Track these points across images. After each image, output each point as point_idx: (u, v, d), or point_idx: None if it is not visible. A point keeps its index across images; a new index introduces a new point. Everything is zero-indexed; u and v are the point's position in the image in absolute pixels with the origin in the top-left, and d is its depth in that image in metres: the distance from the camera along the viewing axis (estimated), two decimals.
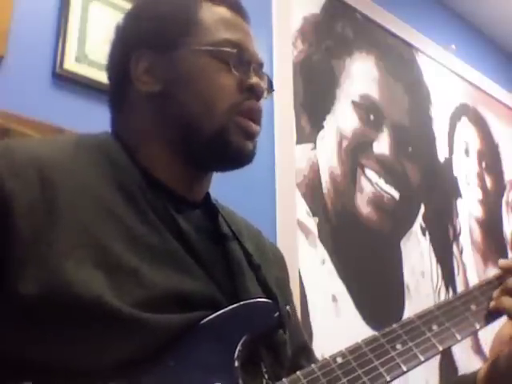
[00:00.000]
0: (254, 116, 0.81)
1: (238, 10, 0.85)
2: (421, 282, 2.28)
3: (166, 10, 0.84)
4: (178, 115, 0.79)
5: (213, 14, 0.83)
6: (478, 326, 0.79)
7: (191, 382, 0.64)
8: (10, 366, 0.61)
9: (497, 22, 3.13)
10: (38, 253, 0.63)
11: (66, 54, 1.41)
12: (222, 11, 0.84)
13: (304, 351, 0.89)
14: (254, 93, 0.81)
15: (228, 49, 0.80)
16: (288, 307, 0.84)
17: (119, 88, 0.85)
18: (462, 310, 0.80)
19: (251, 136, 0.81)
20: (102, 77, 1.48)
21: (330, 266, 1.92)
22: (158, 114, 0.80)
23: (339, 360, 0.68)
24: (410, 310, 2.15)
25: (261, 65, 0.85)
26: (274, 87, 0.89)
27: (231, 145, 0.78)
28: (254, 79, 0.81)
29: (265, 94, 0.85)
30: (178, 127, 0.79)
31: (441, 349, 0.74)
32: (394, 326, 0.74)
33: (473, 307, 0.80)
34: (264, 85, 0.84)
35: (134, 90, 0.82)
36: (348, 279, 1.97)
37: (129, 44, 0.84)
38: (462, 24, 3.06)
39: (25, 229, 0.63)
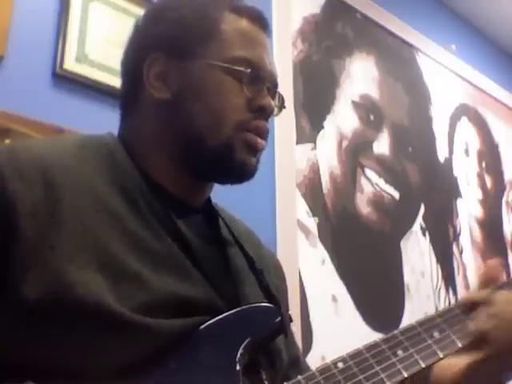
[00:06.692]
0: (261, 134, 0.81)
1: (260, 23, 0.84)
2: (421, 282, 2.28)
3: (188, 16, 0.81)
4: (184, 125, 0.79)
5: (234, 28, 0.81)
6: None
7: None
8: (11, 366, 0.61)
9: (497, 22, 3.13)
10: (41, 255, 0.62)
11: (66, 54, 1.41)
12: (244, 24, 0.82)
13: (297, 365, 0.88)
14: (264, 113, 0.80)
15: (242, 68, 0.79)
16: (290, 312, 0.83)
17: (130, 89, 0.84)
18: (462, 317, 0.80)
19: (256, 151, 0.80)
20: (102, 77, 1.49)
21: (329, 266, 1.92)
22: (165, 121, 0.80)
23: (340, 365, 0.68)
24: (410, 310, 2.15)
25: (275, 84, 0.85)
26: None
27: (235, 160, 0.78)
28: (266, 100, 0.81)
29: (276, 111, 0.85)
30: (182, 137, 0.79)
31: (441, 355, 0.74)
32: (396, 332, 0.74)
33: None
34: (276, 103, 0.84)
35: (144, 94, 0.81)
36: (348, 279, 1.97)
37: (144, 45, 0.82)
38: (462, 24, 3.06)
39: (28, 230, 0.63)
